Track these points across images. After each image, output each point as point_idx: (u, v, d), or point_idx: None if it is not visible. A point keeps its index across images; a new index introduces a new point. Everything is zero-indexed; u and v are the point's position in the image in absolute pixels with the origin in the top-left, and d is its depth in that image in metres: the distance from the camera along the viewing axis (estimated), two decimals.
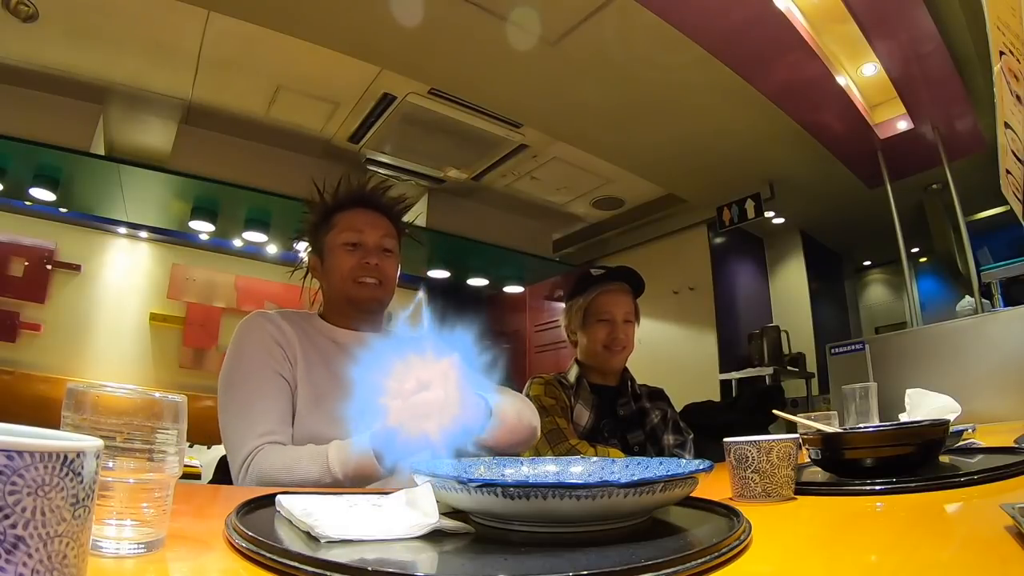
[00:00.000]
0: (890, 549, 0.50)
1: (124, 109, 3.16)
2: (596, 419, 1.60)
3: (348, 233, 1.20)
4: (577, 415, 1.60)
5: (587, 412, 1.61)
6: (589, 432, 1.58)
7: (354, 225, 1.21)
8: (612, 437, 1.60)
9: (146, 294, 3.83)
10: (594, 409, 1.62)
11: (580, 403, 1.62)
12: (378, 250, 1.21)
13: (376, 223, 1.23)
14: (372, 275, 1.18)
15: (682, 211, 4.46)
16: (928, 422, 0.86)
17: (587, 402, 1.62)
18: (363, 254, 1.19)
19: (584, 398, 1.63)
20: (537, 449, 1.50)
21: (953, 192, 3.14)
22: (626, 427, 1.63)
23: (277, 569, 0.40)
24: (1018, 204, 1.58)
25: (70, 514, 0.26)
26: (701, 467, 0.55)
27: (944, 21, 2.55)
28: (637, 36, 2.55)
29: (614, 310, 1.64)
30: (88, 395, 0.42)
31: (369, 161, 3.70)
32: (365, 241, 1.20)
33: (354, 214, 1.23)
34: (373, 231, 1.22)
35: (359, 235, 1.20)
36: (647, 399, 1.71)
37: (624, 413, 1.65)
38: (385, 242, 1.23)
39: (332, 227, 1.23)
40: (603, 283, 1.68)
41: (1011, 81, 1.00)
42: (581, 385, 1.65)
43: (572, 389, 1.64)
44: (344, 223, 1.22)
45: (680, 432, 1.67)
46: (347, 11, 2.45)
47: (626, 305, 1.67)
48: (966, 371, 2.02)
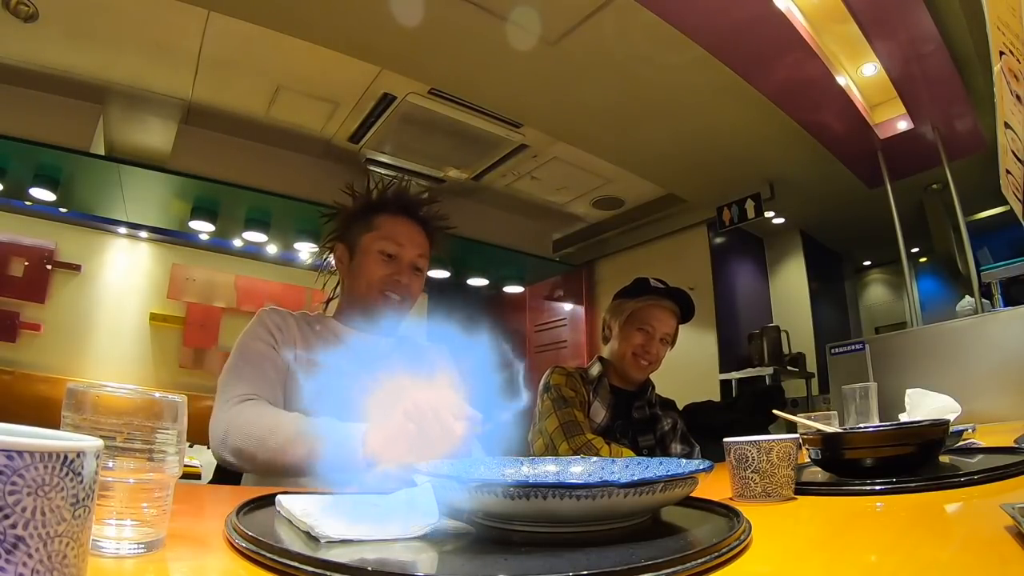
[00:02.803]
0: (890, 549, 0.50)
1: (124, 109, 3.16)
2: (611, 418, 1.63)
3: (387, 243, 1.20)
4: (594, 411, 1.62)
5: (604, 410, 1.63)
6: (603, 430, 1.60)
7: (394, 236, 1.20)
8: (624, 438, 1.62)
9: (146, 294, 3.83)
10: (610, 408, 1.64)
11: (598, 400, 1.64)
12: (411, 268, 1.22)
13: (416, 239, 1.23)
14: (399, 292, 1.19)
15: (682, 211, 4.45)
16: (928, 422, 0.86)
17: (605, 400, 1.64)
18: (396, 269, 1.19)
19: (603, 396, 1.65)
20: (552, 440, 1.51)
21: (953, 192, 3.14)
22: (638, 430, 1.66)
23: (277, 569, 0.40)
24: (1018, 204, 1.58)
25: (70, 514, 0.26)
26: (701, 467, 0.55)
27: (944, 21, 2.55)
28: (637, 36, 2.55)
29: (657, 325, 1.66)
30: (88, 395, 0.42)
31: (369, 161, 3.70)
32: (401, 256, 1.20)
33: (396, 221, 1.22)
34: (412, 247, 1.21)
35: (398, 248, 1.20)
36: (660, 407, 1.74)
37: (639, 416, 1.68)
38: (419, 261, 1.23)
39: (372, 227, 1.22)
40: (658, 296, 1.69)
41: (1011, 81, 1.00)
42: (601, 383, 1.67)
43: (592, 385, 1.66)
44: (386, 229, 1.21)
45: (688, 443, 1.70)
46: (347, 11, 2.45)
47: (670, 326, 1.69)
48: (966, 371, 2.02)
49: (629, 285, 1.75)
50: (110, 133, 3.24)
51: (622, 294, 1.75)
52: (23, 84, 2.92)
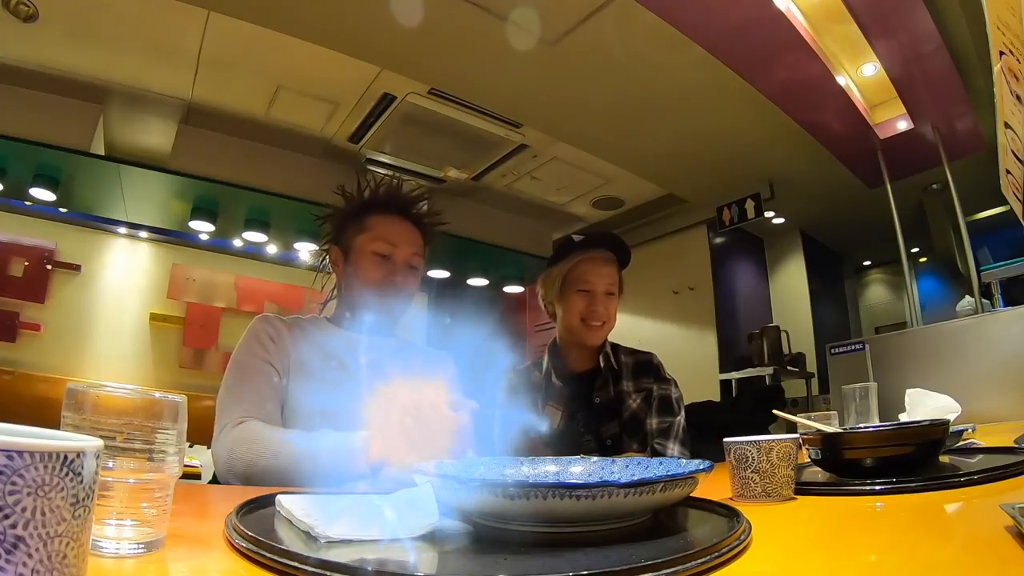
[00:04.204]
0: (890, 549, 0.50)
1: (124, 109, 3.16)
2: (569, 414, 1.45)
3: (381, 243, 1.20)
4: (551, 415, 1.44)
5: (558, 411, 1.45)
6: (563, 432, 1.43)
7: (388, 236, 1.21)
8: (588, 433, 1.44)
9: (146, 294, 3.83)
10: (566, 404, 1.45)
11: (550, 404, 1.46)
12: (406, 267, 1.22)
13: (410, 238, 1.23)
14: (395, 292, 1.20)
15: (682, 211, 4.46)
16: (928, 422, 0.86)
17: (557, 399, 1.46)
18: (391, 269, 1.20)
19: (553, 396, 1.47)
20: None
21: (953, 192, 3.14)
22: (602, 418, 1.46)
23: (277, 569, 0.40)
24: (1018, 204, 1.58)
25: (70, 514, 0.26)
26: (701, 467, 0.55)
27: (944, 21, 2.55)
28: (637, 36, 2.55)
29: (594, 280, 1.44)
30: (88, 395, 0.42)
31: (369, 161, 3.70)
32: (395, 256, 1.20)
33: (389, 221, 1.23)
34: (405, 246, 1.22)
35: (391, 248, 1.20)
36: (630, 376, 1.49)
37: (600, 400, 1.46)
38: (413, 259, 1.23)
39: (365, 228, 1.22)
40: (584, 250, 1.47)
41: (1011, 81, 1.00)
42: (550, 382, 1.48)
43: (541, 388, 1.48)
44: (379, 229, 1.21)
45: (669, 412, 1.45)
46: (347, 11, 2.45)
47: (609, 276, 1.46)
48: (966, 371, 2.02)
49: (554, 252, 1.54)
50: (110, 133, 3.25)
51: (549, 262, 1.53)
52: (23, 84, 2.92)
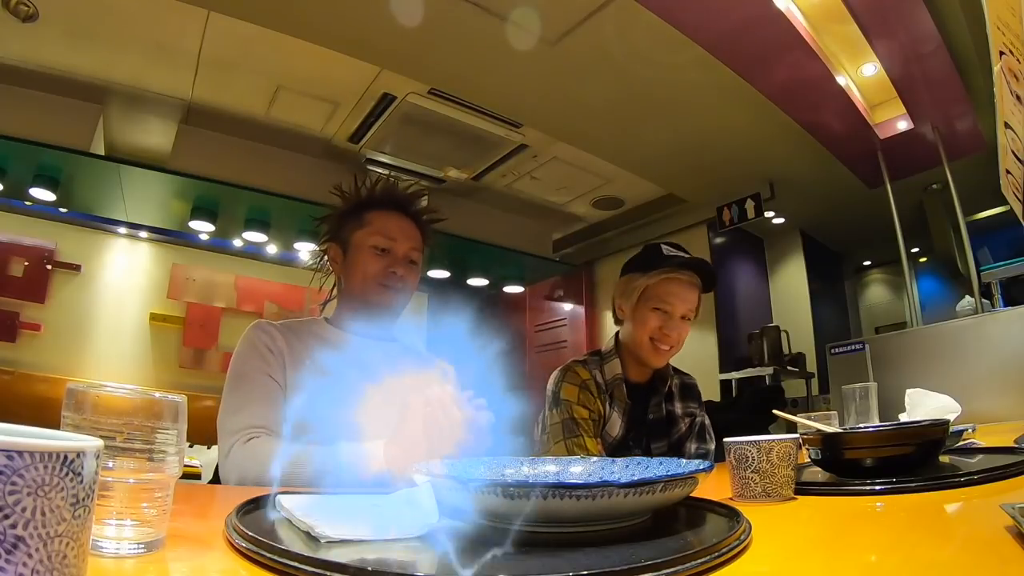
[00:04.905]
0: (890, 549, 0.50)
1: (124, 109, 3.16)
2: (627, 428, 1.43)
3: (379, 237, 1.21)
4: (610, 426, 1.42)
5: (620, 421, 1.42)
6: (616, 446, 1.41)
7: (386, 231, 1.22)
8: (637, 447, 1.44)
9: (146, 294, 3.83)
10: (626, 416, 1.44)
11: (615, 411, 1.43)
12: (405, 261, 1.23)
13: (408, 233, 1.24)
14: (396, 283, 1.20)
15: (682, 211, 4.45)
16: (928, 422, 0.86)
17: (621, 409, 1.43)
18: (390, 262, 1.20)
19: (619, 403, 1.44)
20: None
21: (953, 192, 3.14)
22: (653, 434, 1.47)
23: (277, 569, 0.40)
24: (1018, 204, 1.58)
25: (70, 514, 0.26)
26: (701, 467, 0.55)
27: (944, 21, 2.55)
28: (637, 36, 2.55)
29: (676, 303, 1.39)
30: (88, 395, 0.42)
31: (369, 161, 3.70)
32: (395, 249, 1.21)
33: (388, 217, 1.24)
34: (404, 240, 1.23)
35: (390, 242, 1.21)
36: (679, 398, 1.52)
37: (654, 417, 1.47)
38: (412, 254, 1.24)
39: (363, 224, 1.23)
40: (673, 268, 1.40)
41: (1011, 81, 1.00)
42: (618, 386, 1.44)
43: (608, 391, 1.44)
44: (377, 224, 1.22)
45: (704, 440, 1.50)
46: (347, 11, 2.45)
47: (690, 301, 1.41)
48: (966, 371, 2.02)
49: (639, 254, 1.47)
50: (110, 133, 3.24)
51: (632, 266, 1.47)
52: (23, 84, 2.92)
